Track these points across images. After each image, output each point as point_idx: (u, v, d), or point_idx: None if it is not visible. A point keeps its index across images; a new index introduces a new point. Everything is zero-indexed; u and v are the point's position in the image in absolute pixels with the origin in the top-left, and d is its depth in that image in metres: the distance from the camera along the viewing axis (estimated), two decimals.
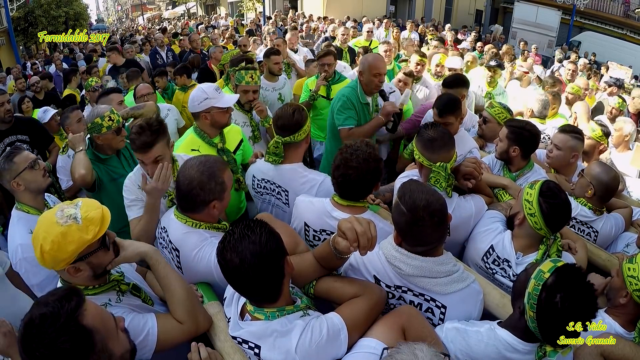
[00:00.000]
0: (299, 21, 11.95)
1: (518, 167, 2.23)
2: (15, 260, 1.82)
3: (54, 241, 1.18)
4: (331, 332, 1.20)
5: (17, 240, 1.83)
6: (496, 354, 1.22)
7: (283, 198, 2.07)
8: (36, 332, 0.96)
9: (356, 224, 1.20)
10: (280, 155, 1.99)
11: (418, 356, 0.89)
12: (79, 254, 1.23)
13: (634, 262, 1.43)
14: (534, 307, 1.14)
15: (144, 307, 1.45)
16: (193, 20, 19.56)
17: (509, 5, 17.48)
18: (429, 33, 10.20)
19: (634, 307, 1.44)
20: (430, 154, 1.79)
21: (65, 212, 1.22)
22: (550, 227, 1.56)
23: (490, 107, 2.74)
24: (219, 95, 2.24)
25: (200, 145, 2.28)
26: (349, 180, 1.60)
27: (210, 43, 7.35)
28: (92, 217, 1.24)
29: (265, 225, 1.18)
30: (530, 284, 1.17)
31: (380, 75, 2.63)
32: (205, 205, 1.57)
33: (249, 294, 1.23)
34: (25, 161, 1.93)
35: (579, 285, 1.13)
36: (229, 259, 1.13)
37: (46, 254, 1.19)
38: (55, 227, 1.19)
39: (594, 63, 10.49)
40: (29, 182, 1.94)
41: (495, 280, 1.68)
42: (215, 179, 1.56)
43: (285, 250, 1.20)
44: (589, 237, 2.09)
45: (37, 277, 1.82)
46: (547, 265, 1.17)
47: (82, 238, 1.21)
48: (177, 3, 32.28)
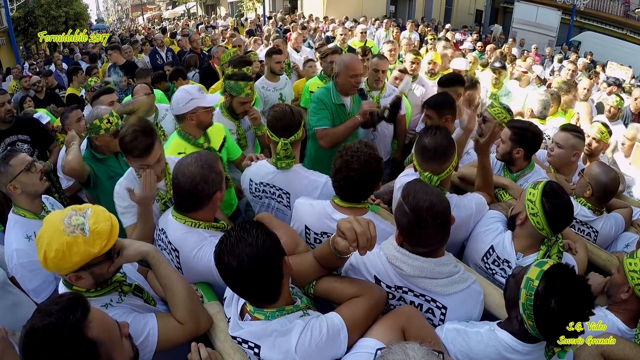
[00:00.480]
0: (299, 21, 11.95)
1: (519, 168, 2.22)
2: (11, 265, 1.81)
3: (59, 250, 1.16)
4: (331, 331, 1.20)
5: (12, 245, 1.81)
6: (496, 354, 1.22)
7: (284, 201, 2.06)
8: (39, 343, 0.94)
9: (355, 224, 1.20)
10: (292, 157, 1.97)
11: (410, 355, 0.88)
12: (84, 266, 1.21)
13: (635, 257, 1.46)
14: (532, 317, 1.13)
15: (146, 308, 1.44)
16: (193, 20, 19.56)
17: (509, 5, 17.48)
18: (429, 33, 10.20)
19: (636, 302, 1.45)
20: (421, 161, 1.76)
21: (73, 220, 1.19)
22: (553, 228, 1.56)
23: (490, 107, 2.74)
24: (203, 95, 2.28)
25: (186, 148, 2.28)
26: (351, 182, 1.60)
27: (211, 43, 7.35)
28: (100, 230, 1.20)
29: (262, 226, 1.18)
30: (522, 294, 1.15)
31: (356, 76, 2.63)
32: (210, 198, 1.59)
33: (248, 296, 1.23)
34: (21, 164, 1.89)
35: (570, 284, 1.12)
36: (226, 263, 1.12)
37: (49, 261, 1.18)
38: (61, 235, 1.16)
39: (591, 62, 10.48)
40: (26, 185, 1.89)
41: (495, 280, 1.68)
42: (215, 170, 1.59)
43: (282, 250, 1.20)
44: (589, 237, 2.08)
45: (33, 283, 1.81)
46: (534, 272, 1.16)
47: (88, 251, 1.18)
48: (177, 3, 32.28)
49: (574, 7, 14.61)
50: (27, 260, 1.78)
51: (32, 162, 1.94)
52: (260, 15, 17.09)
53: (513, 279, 1.26)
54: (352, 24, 10.76)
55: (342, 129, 2.63)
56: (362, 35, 6.41)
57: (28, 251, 1.79)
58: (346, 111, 2.79)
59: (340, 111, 2.76)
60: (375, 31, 10.31)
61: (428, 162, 1.73)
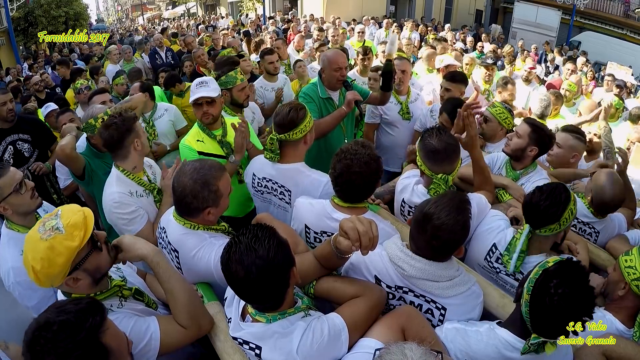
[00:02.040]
0: (300, 21, 11.95)
1: (524, 166, 2.21)
2: (8, 283, 1.74)
3: (43, 258, 1.14)
4: (332, 333, 1.20)
5: (8, 263, 1.75)
6: (496, 353, 1.23)
7: (286, 198, 2.06)
8: (51, 337, 0.93)
9: (358, 223, 1.20)
10: (276, 152, 1.99)
11: (407, 355, 0.88)
12: (72, 264, 1.20)
13: (630, 254, 1.48)
14: (530, 290, 1.16)
15: (148, 312, 1.44)
16: (193, 20, 19.55)
17: (509, 5, 17.47)
18: (430, 33, 10.19)
19: (633, 299, 1.46)
20: (432, 164, 1.76)
21: (47, 225, 1.19)
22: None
23: (492, 107, 2.74)
24: (196, 89, 2.30)
25: (203, 137, 2.36)
26: (353, 185, 1.59)
27: (212, 43, 7.33)
28: (74, 222, 1.20)
29: (274, 236, 1.15)
30: (534, 270, 1.20)
31: (340, 69, 2.66)
32: (199, 211, 1.56)
33: (252, 302, 1.23)
34: (9, 185, 1.75)
35: (577, 280, 1.14)
36: (233, 271, 1.11)
37: (39, 274, 1.16)
38: (40, 243, 1.15)
39: (587, 61, 10.48)
40: (16, 205, 1.79)
41: (499, 279, 1.68)
42: (209, 187, 1.53)
43: (292, 260, 1.18)
44: (590, 237, 2.08)
45: (32, 300, 1.76)
46: (554, 258, 1.21)
47: (70, 246, 1.17)
48: (177, 3, 32.25)
49: (574, 7, 14.61)
50: (24, 278, 1.71)
51: (22, 181, 1.80)
52: (260, 15, 17.10)
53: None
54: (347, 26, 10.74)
55: (328, 119, 2.64)
56: (360, 36, 6.42)
57: (24, 268, 1.74)
58: (334, 105, 2.81)
59: (328, 104, 2.79)
60: (375, 31, 10.29)
61: (441, 163, 1.74)
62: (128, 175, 1.99)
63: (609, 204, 1.95)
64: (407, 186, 1.95)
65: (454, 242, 1.33)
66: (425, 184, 1.87)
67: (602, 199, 1.95)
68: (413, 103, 3.37)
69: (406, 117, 3.29)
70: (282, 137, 1.95)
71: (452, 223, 1.29)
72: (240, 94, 2.73)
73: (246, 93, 2.76)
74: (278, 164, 2.02)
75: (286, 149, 2.01)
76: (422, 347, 0.91)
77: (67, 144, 2.27)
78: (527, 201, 1.61)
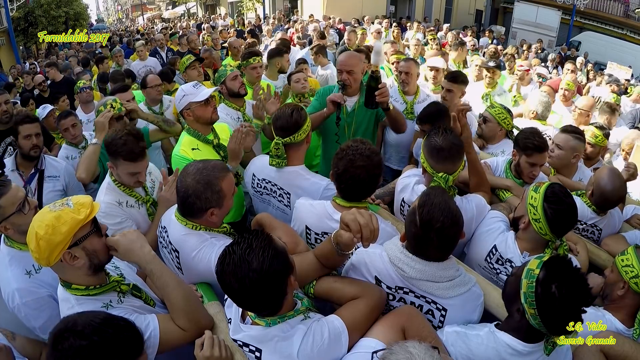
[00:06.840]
0: (298, 20, 11.97)
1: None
2: (13, 305, 1.64)
3: (48, 225, 1.23)
4: (332, 335, 1.20)
5: (12, 285, 1.64)
6: (497, 356, 1.23)
7: (285, 200, 2.05)
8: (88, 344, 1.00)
9: (359, 215, 1.21)
10: (283, 157, 1.96)
11: (413, 353, 0.88)
12: (73, 237, 1.26)
13: (626, 254, 1.51)
14: (533, 305, 1.15)
15: (146, 308, 1.45)
16: (193, 20, 19.55)
17: (509, 5, 17.46)
18: (429, 34, 10.18)
19: (632, 297, 1.47)
20: (434, 162, 1.76)
21: (57, 203, 1.32)
22: (556, 233, 1.56)
23: (491, 108, 2.74)
24: (196, 90, 2.27)
25: (198, 144, 2.29)
26: (359, 180, 1.58)
27: (212, 43, 7.34)
28: (83, 201, 1.32)
29: (269, 246, 1.12)
30: (523, 284, 1.18)
31: (340, 72, 2.61)
32: (202, 212, 1.55)
33: (248, 310, 1.24)
34: (12, 204, 1.66)
35: (569, 272, 1.15)
36: (227, 283, 1.10)
37: (41, 240, 1.22)
38: (48, 214, 1.26)
39: (587, 61, 10.49)
40: (19, 225, 1.68)
41: (500, 280, 1.68)
42: (212, 188, 1.52)
43: (290, 268, 1.16)
44: (592, 235, 2.09)
45: (39, 320, 1.65)
46: (534, 263, 1.20)
47: (75, 218, 1.26)
48: (177, 3, 32.22)
49: (574, 7, 14.61)
50: (31, 299, 1.63)
51: (25, 200, 1.71)
52: (261, 15, 17.10)
53: (513, 276, 1.28)
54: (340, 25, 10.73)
55: (311, 117, 2.59)
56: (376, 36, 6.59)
57: (30, 289, 1.65)
58: (344, 109, 2.73)
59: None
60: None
61: (444, 162, 1.74)
62: (119, 186, 1.98)
63: (610, 199, 1.97)
64: (407, 186, 1.96)
65: (456, 235, 1.34)
66: (426, 182, 1.87)
67: (603, 194, 1.96)
68: (420, 103, 3.32)
69: (410, 117, 3.27)
70: (287, 141, 1.93)
71: (449, 224, 1.30)
72: (234, 83, 2.78)
73: (240, 81, 2.81)
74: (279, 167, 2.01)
75: (290, 152, 1.99)
76: (424, 343, 0.91)
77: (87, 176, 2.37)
78: None
